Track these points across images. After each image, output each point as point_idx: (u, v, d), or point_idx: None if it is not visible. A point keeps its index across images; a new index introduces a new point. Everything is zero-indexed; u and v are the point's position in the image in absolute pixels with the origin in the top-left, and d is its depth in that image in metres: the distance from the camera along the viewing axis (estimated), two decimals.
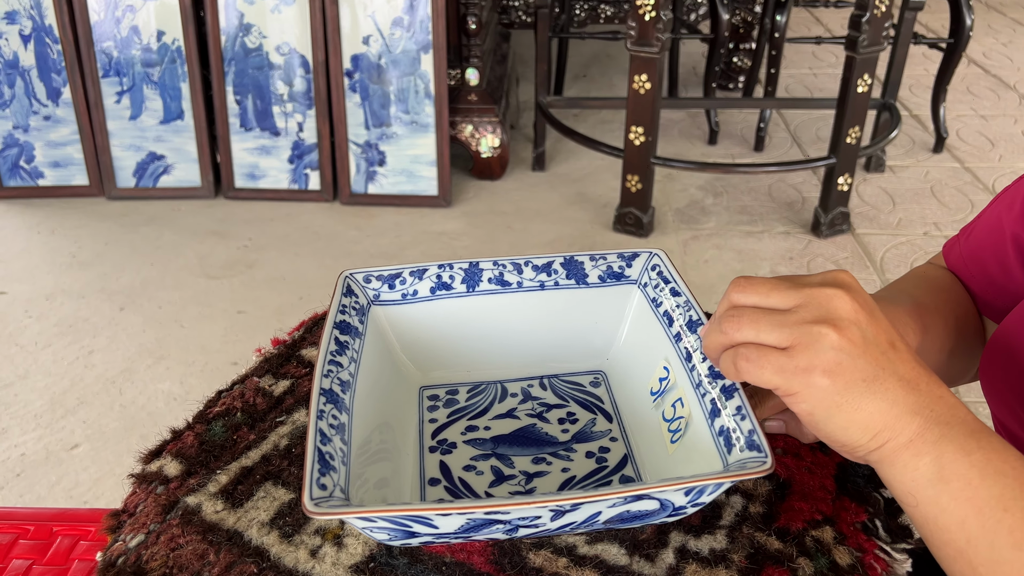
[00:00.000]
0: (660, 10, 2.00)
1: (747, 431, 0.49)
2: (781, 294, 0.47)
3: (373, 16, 2.31)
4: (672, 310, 0.60)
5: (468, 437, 0.59)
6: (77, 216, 2.41)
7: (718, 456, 0.50)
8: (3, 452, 1.60)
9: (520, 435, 0.59)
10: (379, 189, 2.45)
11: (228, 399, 0.64)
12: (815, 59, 3.67)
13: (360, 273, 0.63)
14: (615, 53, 3.62)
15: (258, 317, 1.98)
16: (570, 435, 0.59)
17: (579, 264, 0.64)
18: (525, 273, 0.64)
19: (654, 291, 0.63)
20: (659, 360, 0.60)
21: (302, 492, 0.44)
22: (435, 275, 0.63)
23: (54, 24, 2.33)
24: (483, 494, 0.54)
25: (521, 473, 0.56)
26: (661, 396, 0.59)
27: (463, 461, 0.57)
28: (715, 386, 0.53)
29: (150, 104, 2.41)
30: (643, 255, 0.65)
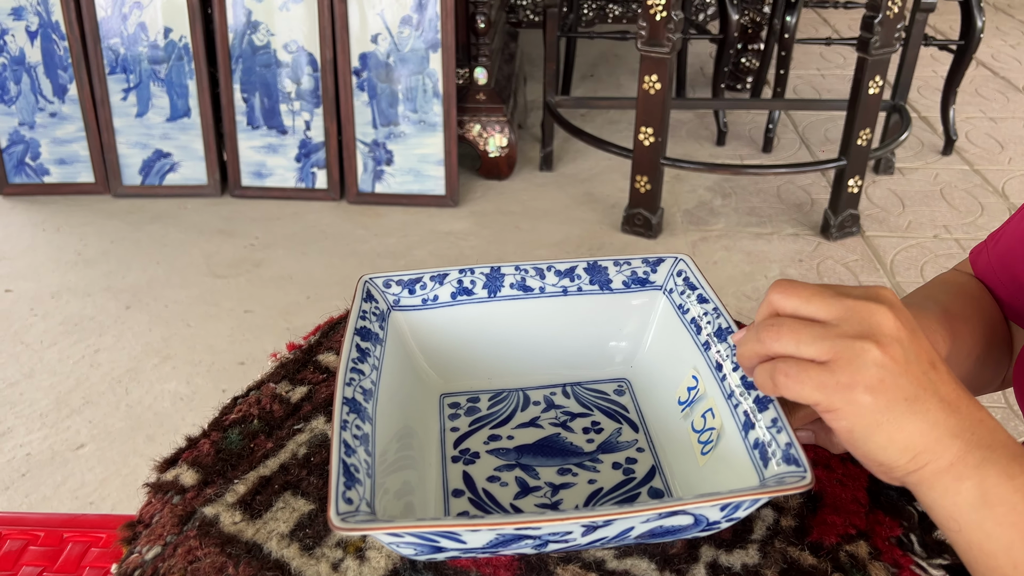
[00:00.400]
0: (671, 10, 1.98)
1: (784, 444, 0.48)
2: (823, 302, 0.45)
3: (382, 14, 2.29)
4: (700, 317, 0.59)
5: (491, 447, 0.57)
6: (83, 214, 2.40)
7: (753, 470, 0.49)
8: (9, 452, 1.59)
9: (544, 445, 0.58)
10: (386, 188, 2.44)
11: (244, 406, 0.62)
12: (824, 60, 3.65)
13: (380, 278, 0.61)
14: (623, 53, 3.60)
15: (265, 316, 1.97)
16: (595, 445, 0.58)
17: (603, 269, 0.63)
18: (548, 278, 0.62)
19: (680, 297, 0.61)
20: (687, 369, 0.59)
21: (328, 507, 0.43)
22: (456, 280, 0.62)
23: (61, 21, 2.31)
24: (508, 506, 0.53)
25: (547, 484, 0.55)
26: (690, 406, 0.57)
27: (487, 472, 0.56)
28: (748, 397, 0.52)
29: (157, 101, 2.40)
30: (668, 260, 0.63)
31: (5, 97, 2.38)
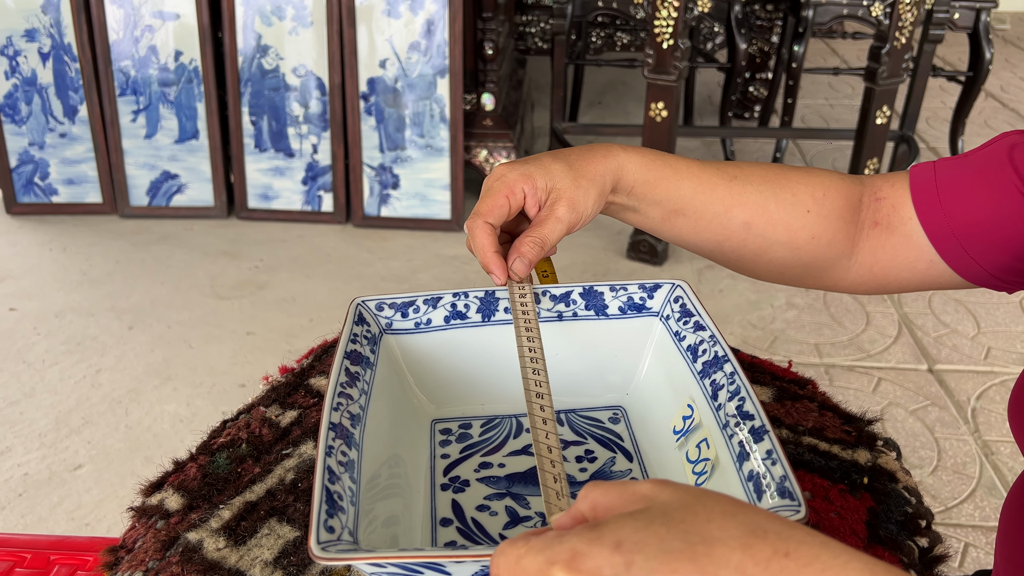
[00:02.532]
0: (678, 39, 1.99)
1: (779, 477, 0.47)
2: None
3: (390, 40, 2.31)
4: (696, 345, 0.58)
5: (482, 475, 0.56)
6: (89, 234, 2.41)
7: None
8: (6, 471, 1.58)
9: (535, 474, 0.56)
10: (392, 212, 2.44)
11: (233, 429, 0.61)
12: (832, 90, 3.66)
13: (372, 300, 0.60)
14: (631, 80, 3.62)
15: (267, 339, 1.97)
16: (588, 475, 0.57)
17: (599, 294, 0.62)
18: (543, 303, 0.62)
19: (677, 324, 0.60)
20: (682, 398, 0.58)
21: (308, 535, 0.42)
22: (450, 304, 0.61)
23: (73, 43, 2.34)
24: (498, 537, 0.52)
25: (537, 515, 0.53)
26: (685, 436, 0.56)
27: (476, 500, 0.54)
28: (743, 427, 0.51)
29: (166, 123, 2.41)
30: (665, 286, 0.62)
31: (16, 117, 2.41)
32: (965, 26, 2.58)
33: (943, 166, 0.65)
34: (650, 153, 0.64)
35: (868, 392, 1.82)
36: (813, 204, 0.65)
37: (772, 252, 0.65)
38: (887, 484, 0.58)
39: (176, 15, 2.33)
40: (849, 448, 0.61)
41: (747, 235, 0.64)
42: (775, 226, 0.64)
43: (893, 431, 1.71)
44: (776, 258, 0.66)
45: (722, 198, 0.63)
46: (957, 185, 0.63)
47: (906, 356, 1.94)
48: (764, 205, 0.64)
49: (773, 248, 0.65)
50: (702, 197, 0.63)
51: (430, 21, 2.29)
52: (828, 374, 1.87)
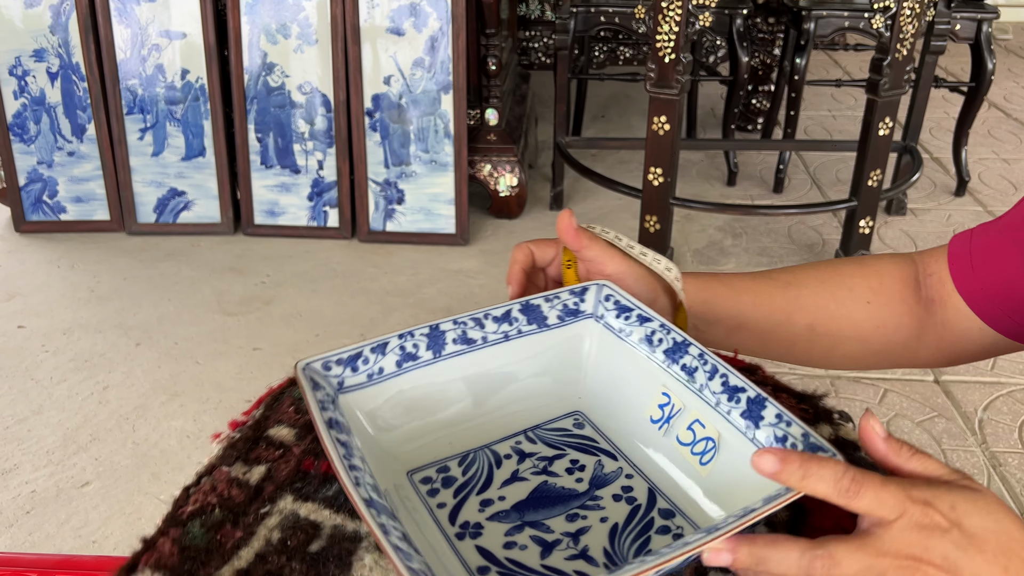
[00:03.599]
0: (680, 52, 2.00)
1: (801, 435, 0.48)
2: None
3: (395, 57, 2.33)
4: (650, 336, 0.59)
5: (488, 513, 0.54)
6: (97, 251, 2.43)
7: None
8: (14, 489, 1.59)
9: (539, 496, 0.56)
10: (397, 227, 2.45)
11: (199, 495, 0.56)
12: (834, 101, 3.67)
13: (317, 361, 0.57)
14: (634, 94, 3.63)
15: (273, 354, 1.97)
16: (586, 483, 0.57)
17: (536, 307, 0.63)
18: (487, 327, 0.61)
19: (617, 321, 0.62)
20: (646, 390, 0.58)
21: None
22: (398, 347, 0.59)
23: (81, 62, 2.37)
24: (540, 568, 0.51)
25: (564, 535, 0.52)
26: (667, 423, 0.57)
27: (499, 540, 0.52)
28: (739, 401, 0.52)
29: (172, 141, 2.43)
30: (593, 287, 0.64)
31: (25, 136, 2.43)
32: (967, 37, 2.59)
33: (979, 231, 0.66)
34: (704, 275, 0.67)
35: (874, 403, 1.82)
36: (872, 295, 0.66)
37: (842, 347, 0.67)
38: (853, 454, 0.59)
39: (183, 34, 2.36)
40: (811, 425, 0.61)
41: (813, 336, 0.66)
42: (839, 323, 0.66)
43: None
44: (848, 352, 0.68)
45: (781, 307, 0.65)
46: (990, 247, 0.64)
47: None
48: (824, 306, 0.66)
49: (842, 344, 0.67)
50: (762, 310, 0.65)
51: (434, 38, 2.31)
52: (834, 385, 1.87)
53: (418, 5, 2.29)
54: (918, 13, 1.98)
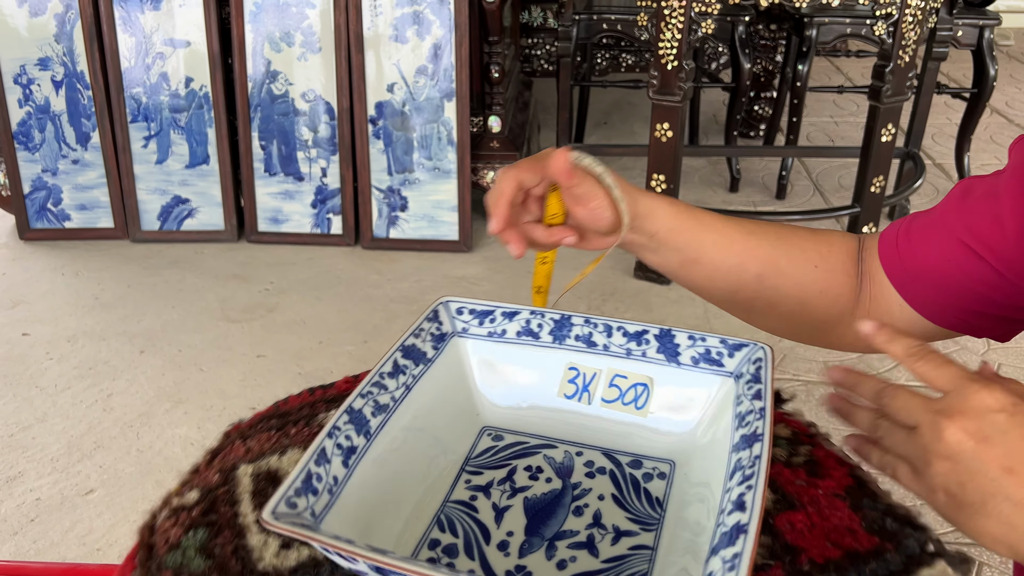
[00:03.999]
0: (682, 59, 2.01)
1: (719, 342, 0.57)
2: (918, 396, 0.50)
3: (398, 64, 2.34)
4: (527, 325, 0.61)
5: (515, 551, 0.53)
6: (101, 259, 2.43)
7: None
8: (19, 496, 1.59)
9: (535, 511, 0.55)
10: (400, 234, 2.46)
11: None
12: (837, 108, 3.67)
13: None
14: (636, 101, 3.64)
15: (277, 361, 1.98)
16: (556, 478, 0.57)
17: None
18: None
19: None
20: (550, 372, 0.60)
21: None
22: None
23: (86, 70, 2.37)
24: (602, 565, 0.51)
25: (588, 528, 0.53)
26: (585, 391, 0.59)
27: (545, 564, 0.52)
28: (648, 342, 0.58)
29: (176, 149, 2.44)
30: (438, 307, 0.64)
31: (29, 144, 2.44)
32: (969, 43, 2.59)
33: (918, 215, 0.68)
34: (679, 204, 0.68)
35: None
36: (819, 260, 0.68)
37: (783, 305, 0.69)
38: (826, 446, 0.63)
39: (187, 42, 2.37)
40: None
41: (759, 288, 0.68)
42: (785, 280, 0.68)
43: None
44: (787, 311, 0.69)
45: (738, 252, 0.67)
46: (919, 231, 0.67)
47: None
48: (775, 260, 0.67)
49: (784, 301, 0.68)
50: (720, 250, 0.67)
51: (437, 45, 2.31)
52: None
53: (421, 13, 2.30)
54: (920, 19, 1.98)
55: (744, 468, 0.50)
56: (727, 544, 0.46)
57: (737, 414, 0.55)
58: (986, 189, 0.63)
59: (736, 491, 0.49)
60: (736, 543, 0.45)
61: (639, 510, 0.55)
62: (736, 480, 0.50)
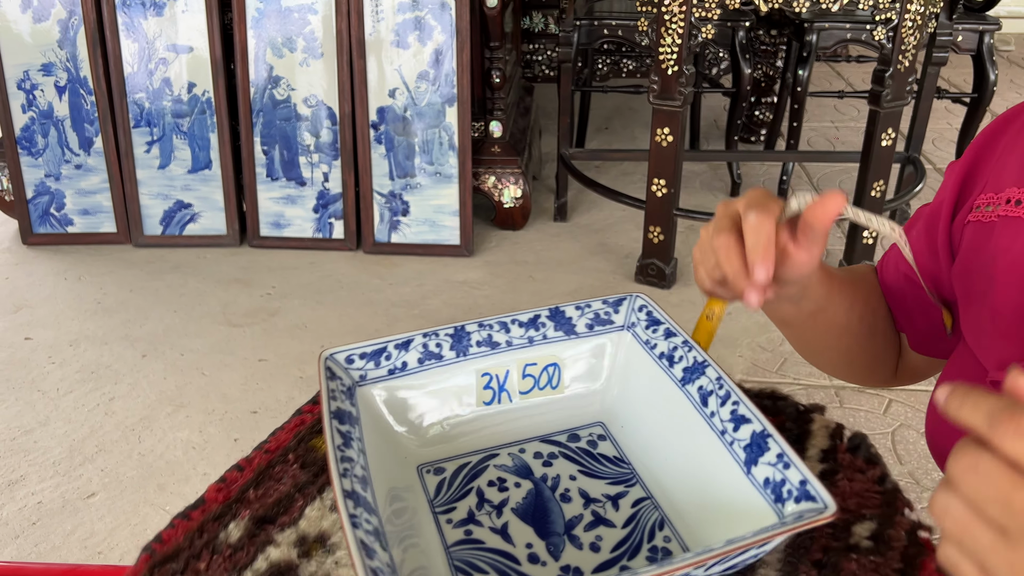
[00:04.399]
0: (682, 64, 2.02)
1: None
2: None
3: (399, 70, 2.35)
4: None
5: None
6: (104, 263, 2.44)
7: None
8: (20, 500, 1.59)
9: (535, 507, 0.56)
10: (402, 238, 2.46)
11: None
12: (837, 113, 3.68)
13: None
14: (637, 106, 3.65)
15: (279, 365, 1.98)
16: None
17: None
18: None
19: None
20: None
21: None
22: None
23: (89, 76, 2.39)
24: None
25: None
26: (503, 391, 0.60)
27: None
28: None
29: (179, 154, 2.45)
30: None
31: (33, 150, 2.45)
32: (969, 48, 2.59)
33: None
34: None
35: (879, 414, 1.81)
36: (880, 296, 0.74)
37: (875, 344, 0.72)
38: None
39: (189, 48, 2.38)
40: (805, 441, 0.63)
41: (860, 328, 0.70)
42: (877, 318, 0.71)
43: (904, 452, 1.70)
44: (877, 350, 0.73)
45: (849, 295, 0.69)
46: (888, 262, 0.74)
47: None
48: (867, 299, 0.71)
49: (875, 339, 0.72)
50: (840, 296, 0.67)
51: (438, 51, 2.32)
52: (838, 396, 1.87)
53: (423, 19, 2.31)
54: (920, 24, 1.99)
55: (715, 391, 0.55)
56: (762, 447, 0.50)
57: (660, 355, 0.60)
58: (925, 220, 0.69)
59: (724, 412, 0.53)
60: (769, 444, 0.50)
61: (610, 472, 0.58)
62: (715, 404, 0.54)
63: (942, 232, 0.66)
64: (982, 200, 0.62)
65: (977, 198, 0.63)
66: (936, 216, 0.67)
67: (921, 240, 0.69)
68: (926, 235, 0.68)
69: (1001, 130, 0.64)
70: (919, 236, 0.69)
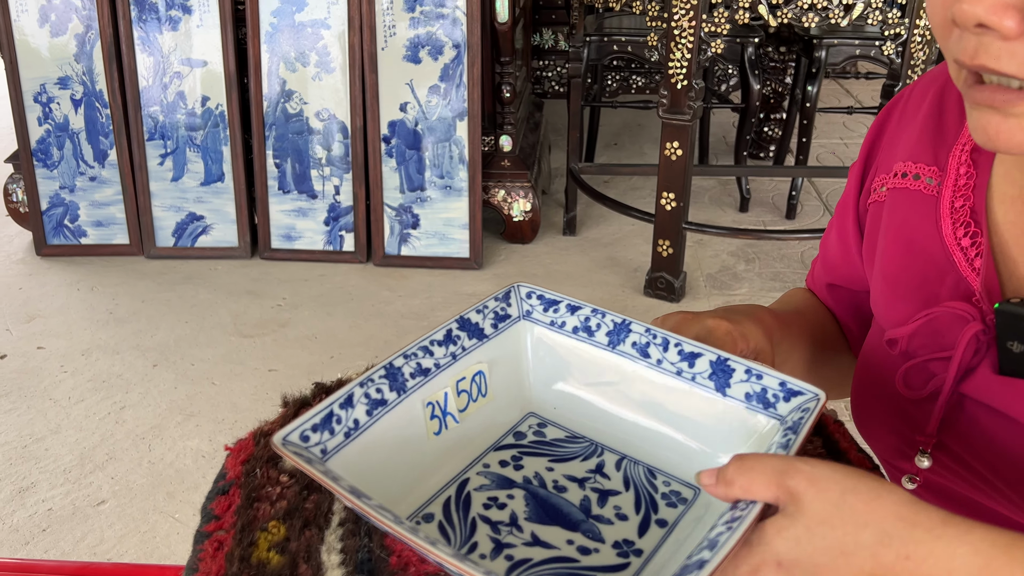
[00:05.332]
0: (692, 79, 2.03)
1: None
2: None
3: (411, 84, 2.37)
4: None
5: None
6: (116, 274, 2.46)
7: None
8: (31, 507, 1.60)
9: (550, 506, 0.55)
10: (412, 251, 2.48)
11: None
12: (846, 129, 3.69)
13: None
14: (646, 122, 3.67)
15: (289, 376, 1.99)
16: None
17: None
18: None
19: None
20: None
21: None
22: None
23: (104, 90, 2.42)
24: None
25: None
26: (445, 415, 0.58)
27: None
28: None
29: (192, 166, 2.47)
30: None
31: (48, 162, 2.48)
32: None
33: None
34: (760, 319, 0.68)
35: None
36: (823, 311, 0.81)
37: (837, 361, 0.76)
38: None
39: (204, 62, 2.41)
40: None
41: (824, 356, 0.74)
42: (835, 332, 0.77)
43: None
44: (842, 366, 0.77)
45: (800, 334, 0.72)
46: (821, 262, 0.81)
47: None
48: (819, 323, 0.77)
49: (837, 358, 0.76)
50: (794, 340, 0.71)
51: (449, 66, 2.35)
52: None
53: (434, 34, 2.33)
54: (929, 40, 2.00)
55: (651, 343, 0.56)
56: (727, 370, 0.54)
57: (574, 329, 0.60)
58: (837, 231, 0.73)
59: (671, 354, 0.55)
60: (734, 365, 0.53)
61: (576, 450, 0.59)
62: (656, 352, 0.56)
63: (851, 222, 0.70)
64: (876, 182, 0.67)
65: (873, 182, 0.67)
66: (843, 210, 0.71)
67: (833, 236, 0.73)
68: (837, 230, 0.72)
69: (887, 116, 0.68)
70: (830, 234, 0.74)
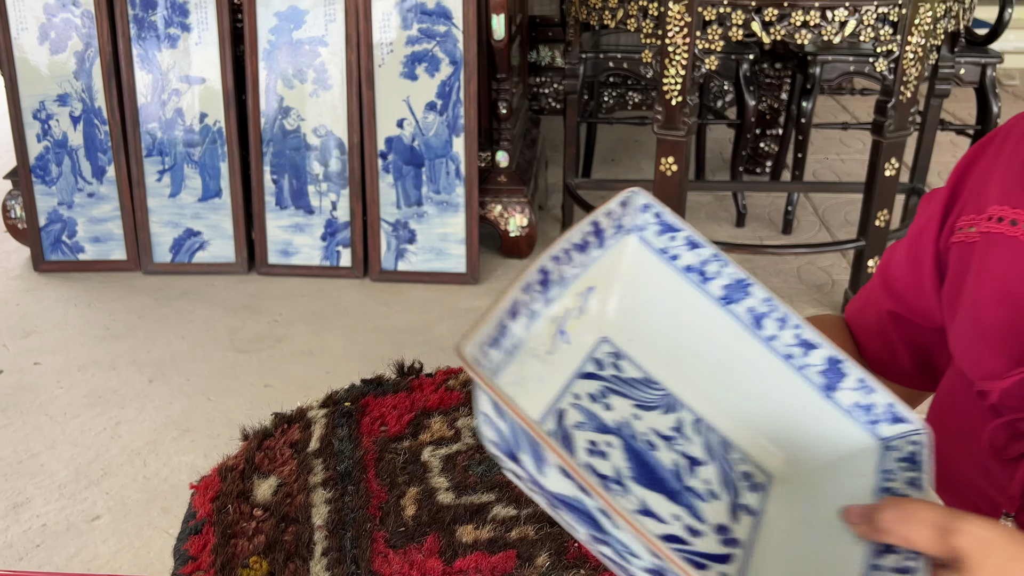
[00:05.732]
0: (686, 95, 2.04)
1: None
2: None
3: (408, 100, 2.38)
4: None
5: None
6: (113, 290, 2.46)
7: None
8: (25, 522, 1.60)
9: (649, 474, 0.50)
10: (409, 266, 2.48)
11: None
12: (842, 145, 3.70)
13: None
14: (643, 138, 3.68)
15: (284, 391, 1.99)
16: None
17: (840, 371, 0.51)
18: (784, 333, 0.52)
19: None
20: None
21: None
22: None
23: (103, 107, 2.43)
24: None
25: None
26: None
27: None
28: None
29: (190, 182, 2.48)
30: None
31: (47, 178, 2.49)
32: (971, 81, 2.62)
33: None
34: None
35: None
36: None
37: None
38: None
39: (202, 79, 2.42)
40: None
41: None
42: None
43: None
44: None
45: None
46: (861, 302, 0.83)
47: None
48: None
49: None
50: None
51: (446, 83, 2.36)
52: None
53: (431, 51, 2.35)
54: (920, 56, 2.01)
55: (769, 314, 0.50)
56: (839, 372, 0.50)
57: (687, 268, 0.53)
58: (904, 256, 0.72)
59: (787, 334, 0.49)
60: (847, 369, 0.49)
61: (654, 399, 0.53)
62: (772, 327, 0.49)
63: (928, 256, 0.68)
64: (963, 222, 0.64)
65: (958, 220, 0.65)
66: (918, 241, 0.69)
67: (903, 265, 0.71)
68: (908, 259, 0.70)
69: (979, 154, 0.67)
70: (900, 262, 0.72)
